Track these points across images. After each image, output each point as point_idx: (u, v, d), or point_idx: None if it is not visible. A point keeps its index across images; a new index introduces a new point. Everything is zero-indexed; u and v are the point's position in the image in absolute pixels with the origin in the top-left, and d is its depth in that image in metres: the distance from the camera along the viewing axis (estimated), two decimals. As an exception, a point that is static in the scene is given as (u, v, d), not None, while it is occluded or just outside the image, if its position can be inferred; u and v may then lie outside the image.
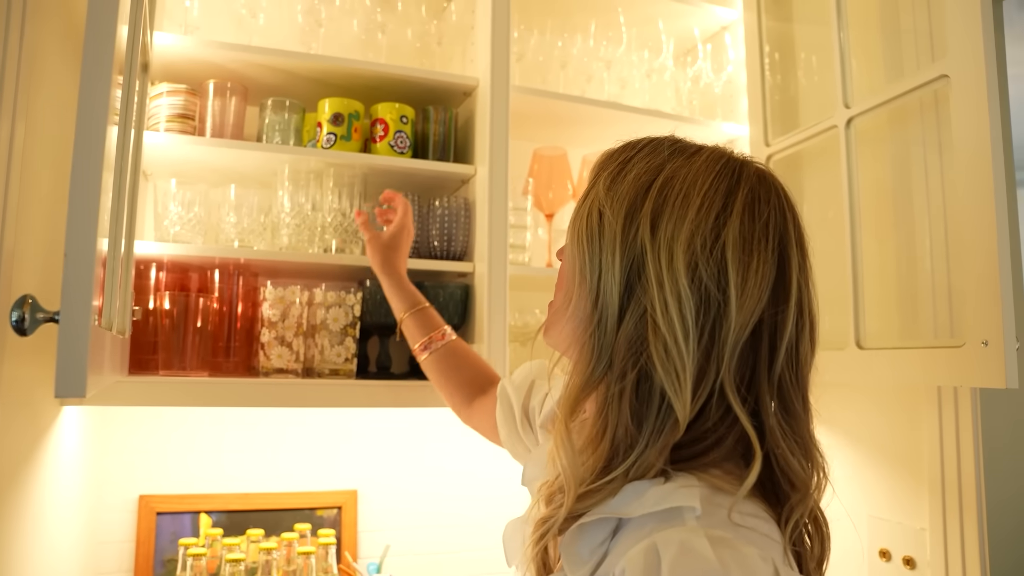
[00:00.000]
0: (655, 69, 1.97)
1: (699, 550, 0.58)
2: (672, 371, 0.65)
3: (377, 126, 1.62)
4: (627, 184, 0.72)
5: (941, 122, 1.46)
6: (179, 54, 1.53)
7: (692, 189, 0.69)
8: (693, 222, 0.67)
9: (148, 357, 1.45)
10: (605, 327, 0.69)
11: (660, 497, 0.64)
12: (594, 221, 0.72)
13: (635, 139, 0.79)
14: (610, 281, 0.69)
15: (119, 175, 0.98)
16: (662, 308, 0.66)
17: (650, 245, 0.68)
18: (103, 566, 1.61)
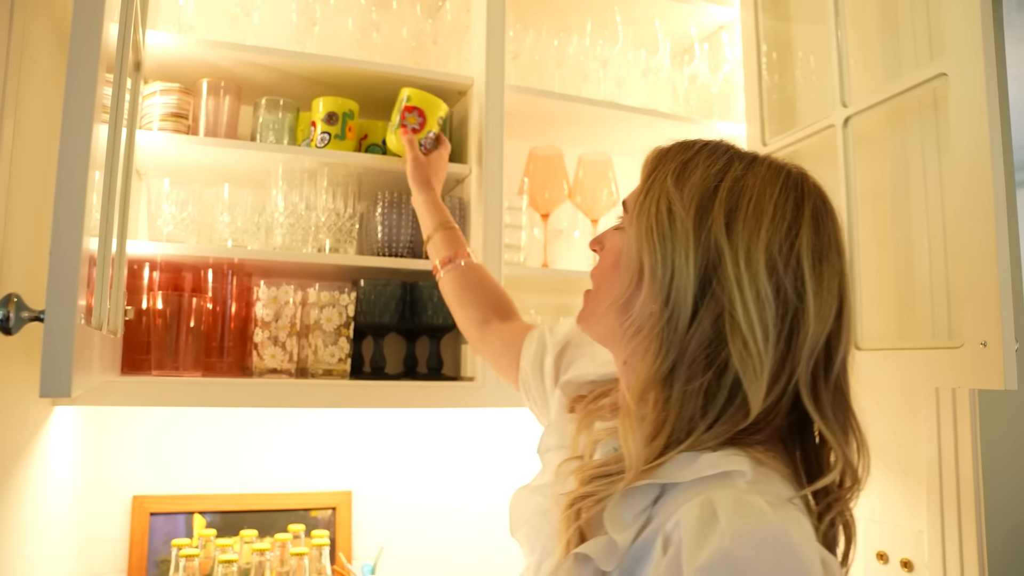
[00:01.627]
0: (652, 68, 1.96)
1: (755, 505, 0.62)
2: (751, 370, 0.69)
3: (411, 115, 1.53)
4: (694, 183, 0.75)
5: (940, 122, 1.45)
6: (173, 53, 1.52)
7: (763, 197, 0.73)
8: (769, 229, 0.71)
9: (141, 357, 1.44)
10: (676, 324, 0.71)
11: (711, 463, 0.67)
12: (664, 217, 0.74)
13: (687, 140, 0.82)
14: (684, 279, 0.72)
15: (109, 174, 0.97)
16: (743, 309, 0.69)
17: (727, 246, 0.71)
18: (96, 567, 1.60)
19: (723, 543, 0.59)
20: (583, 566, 0.69)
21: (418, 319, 1.61)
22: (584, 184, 1.84)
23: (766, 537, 0.60)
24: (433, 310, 1.60)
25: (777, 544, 0.60)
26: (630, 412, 0.72)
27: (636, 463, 0.69)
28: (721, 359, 0.70)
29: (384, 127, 1.69)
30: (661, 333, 0.72)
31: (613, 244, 0.84)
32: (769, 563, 0.59)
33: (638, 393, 0.72)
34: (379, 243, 1.61)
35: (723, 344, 0.70)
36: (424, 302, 1.60)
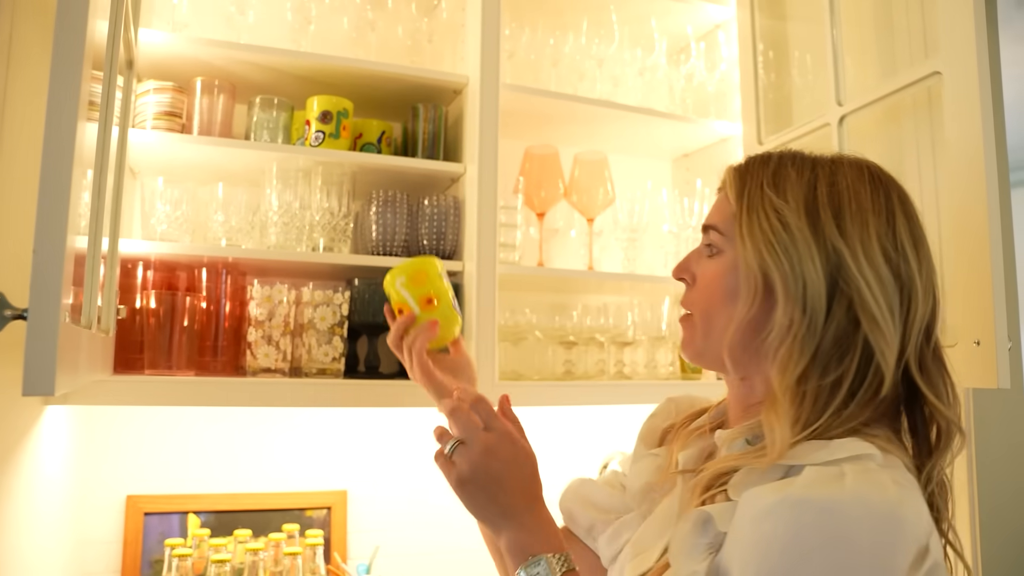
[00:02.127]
0: (648, 67, 1.96)
1: (882, 479, 0.67)
2: (885, 346, 0.75)
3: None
4: (795, 192, 0.80)
5: (934, 120, 1.45)
6: (166, 51, 1.52)
7: (858, 194, 0.79)
8: (873, 222, 0.78)
9: (134, 356, 1.44)
10: (815, 326, 0.76)
11: (842, 447, 0.71)
12: (779, 229, 0.78)
13: (758, 155, 0.87)
14: (815, 285, 0.76)
15: (99, 172, 0.97)
16: (871, 296, 0.76)
17: (844, 245, 0.77)
18: (90, 567, 1.60)
19: (841, 495, 0.64)
20: (703, 524, 0.73)
21: (412, 318, 1.60)
22: (580, 183, 1.83)
23: (881, 509, 0.64)
24: (427, 309, 1.59)
25: (887, 518, 0.64)
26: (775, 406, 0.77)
27: (782, 445, 0.73)
28: (854, 345, 0.76)
29: (379, 125, 1.68)
30: (802, 338, 0.76)
31: (710, 270, 0.86)
32: (870, 531, 0.63)
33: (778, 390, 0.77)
34: (373, 242, 1.61)
35: (855, 331, 0.76)
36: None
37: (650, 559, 0.83)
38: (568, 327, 1.80)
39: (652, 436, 1.01)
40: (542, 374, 1.83)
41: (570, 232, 1.91)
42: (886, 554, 0.63)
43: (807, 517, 0.64)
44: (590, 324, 1.80)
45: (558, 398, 1.66)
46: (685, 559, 0.72)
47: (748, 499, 0.69)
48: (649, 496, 0.93)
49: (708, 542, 0.72)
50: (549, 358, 1.85)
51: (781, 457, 0.72)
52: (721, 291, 0.84)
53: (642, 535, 0.89)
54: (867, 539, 0.63)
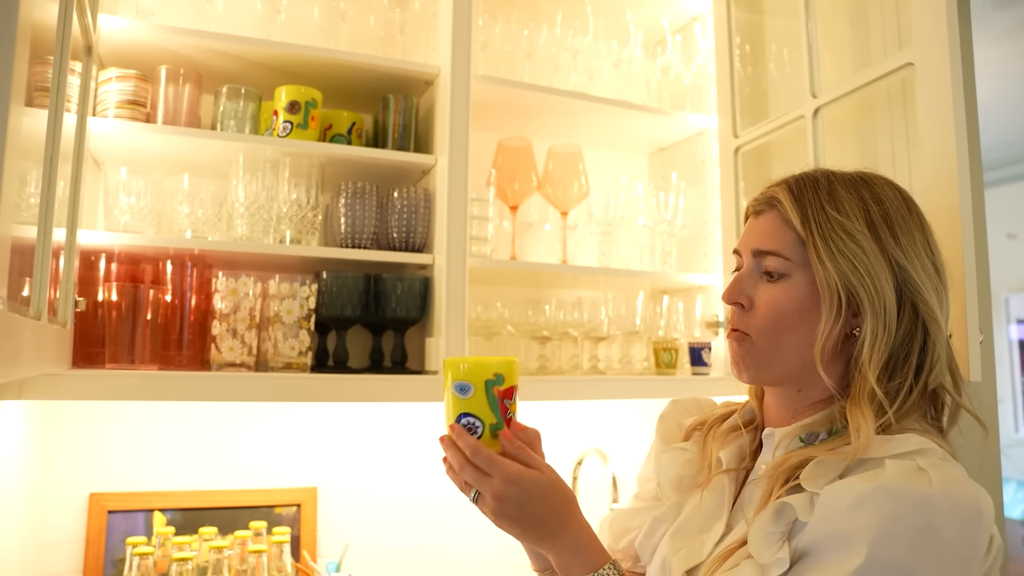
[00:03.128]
0: (623, 60, 1.94)
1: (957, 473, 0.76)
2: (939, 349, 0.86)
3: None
4: (853, 212, 0.87)
5: (908, 113, 1.44)
6: (130, 38, 1.48)
7: (900, 210, 0.88)
8: (918, 236, 0.88)
9: (95, 350, 1.41)
10: (891, 334, 0.85)
11: (905, 441, 0.79)
12: (856, 251, 0.85)
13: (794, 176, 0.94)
14: (888, 295, 0.85)
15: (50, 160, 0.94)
16: (934, 303, 0.86)
17: (904, 256, 0.86)
18: (51, 567, 1.56)
19: (929, 490, 0.72)
20: (781, 514, 0.80)
21: (382, 311, 1.58)
22: (554, 176, 1.81)
23: (964, 503, 0.73)
24: (397, 303, 1.57)
25: (969, 512, 0.73)
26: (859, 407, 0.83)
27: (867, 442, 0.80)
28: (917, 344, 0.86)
29: (349, 116, 1.66)
30: (883, 346, 0.85)
31: (777, 296, 0.90)
32: (957, 525, 0.72)
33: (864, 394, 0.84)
34: (342, 234, 1.58)
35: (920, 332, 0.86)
36: (388, 294, 1.57)
37: (700, 553, 0.90)
38: (542, 322, 1.78)
39: (676, 433, 1.09)
40: (515, 369, 1.81)
41: (544, 226, 1.89)
42: (969, 544, 0.72)
43: (903, 507, 0.72)
44: (564, 319, 1.79)
45: (532, 393, 1.64)
46: (766, 547, 0.79)
47: (837, 489, 0.76)
48: (681, 487, 1.00)
49: (782, 531, 0.80)
50: (522, 353, 1.83)
51: (865, 452, 0.79)
52: (792, 313, 0.89)
53: (682, 527, 0.94)
54: (954, 530, 0.72)
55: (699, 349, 1.81)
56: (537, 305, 1.79)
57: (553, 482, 0.90)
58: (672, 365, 1.81)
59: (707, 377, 1.80)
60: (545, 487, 0.89)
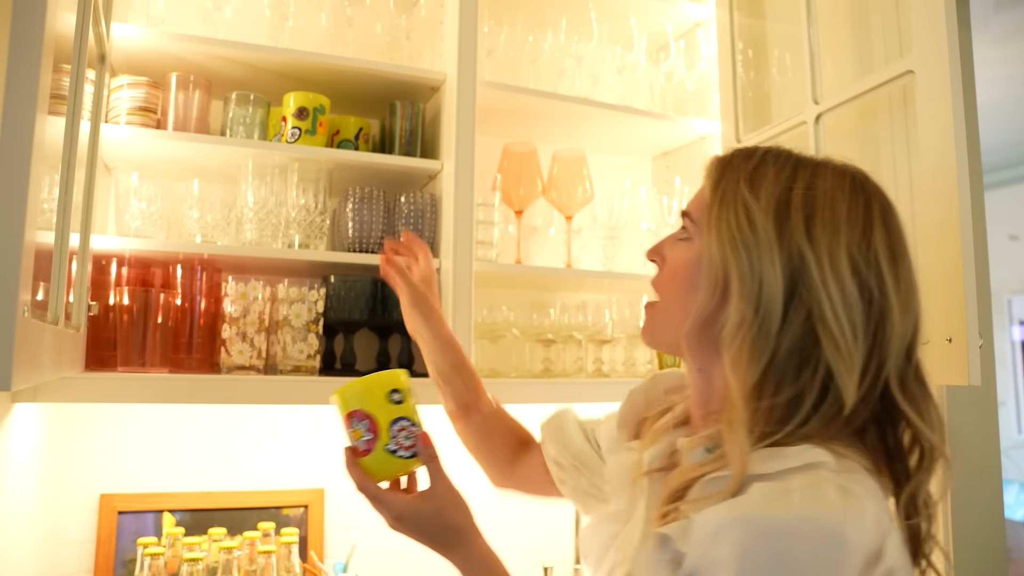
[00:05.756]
0: (627, 65, 1.96)
1: (828, 495, 0.65)
2: (843, 367, 0.72)
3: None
4: (769, 191, 0.78)
5: (909, 119, 1.46)
6: (141, 46, 1.51)
7: (836, 200, 0.76)
8: (847, 231, 0.75)
9: (107, 353, 1.43)
10: (768, 330, 0.74)
11: (795, 455, 0.70)
12: (745, 228, 0.76)
13: (744, 148, 0.85)
14: (772, 286, 0.74)
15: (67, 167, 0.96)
16: (831, 310, 0.73)
17: (810, 250, 0.74)
18: (62, 567, 1.58)
19: (787, 516, 0.64)
20: (662, 546, 0.72)
21: (389, 315, 1.60)
22: (559, 180, 1.83)
23: (824, 528, 0.63)
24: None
25: (829, 534, 0.63)
26: (730, 416, 0.75)
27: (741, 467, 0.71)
28: (813, 359, 0.73)
29: (356, 122, 1.68)
30: (753, 340, 0.74)
31: (678, 255, 0.86)
32: (813, 549, 0.63)
33: (734, 400, 0.75)
34: (350, 239, 1.60)
35: (814, 344, 0.73)
36: (395, 298, 1.58)
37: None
38: (546, 325, 1.80)
39: (630, 425, 1.03)
40: (520, 372, 1.83)
41: (549, 230, 1.91)
42: (828, 571, 0.63)
43: (756, 537, 0.64)
44: (568, 322, 1.80)
45: (536, 396, 1.66)
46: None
47: (704, 517, 0.69)
48: (629, 493, 0.94)
49: (669, 559, 0.72)
50: (527, 356, 1.85)
51: (742, 477, 0.71)
52: (684, 278, 0.84)
53: (627, 537, 0.90)
54: (810, 557, 0.63)
55: (702, 352, 1.82)
56: (542, 308, 1.81)
57: (437, 511, 0.96)
58: (676, 366, 1.82)
59: (710, 379, 1.81)
60: (428, 522, 0.97)
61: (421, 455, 0.99)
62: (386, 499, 0.97)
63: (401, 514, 0.97)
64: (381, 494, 0.97)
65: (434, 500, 0.97)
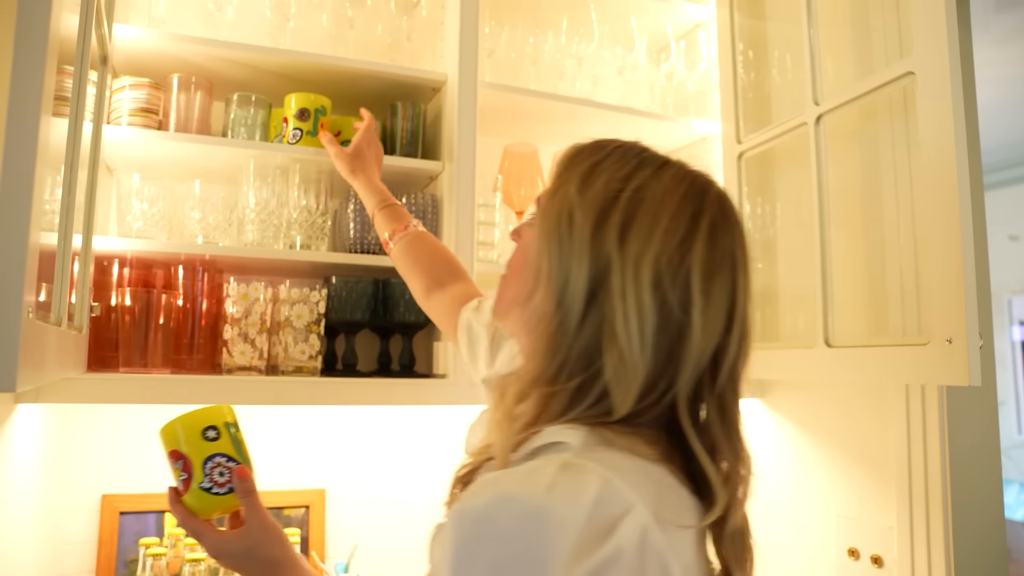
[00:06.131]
0: (628, 66, 1.96)
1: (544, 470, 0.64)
2: (623, 380, 0.70)
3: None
4: (597, 189, 0.74)
5: (909, 120, 1.46)
6: (143, 48, 1.51)
7: (661, 208, 0.73)
8: (661, 241, 0.71)
9: (109, 354, 1.43)
10: (566, 328, 0.72)
11: (544, 435, 0.70)
12: (564, 223, 0.74)
13: (602, 140, 0.82)
14: (576, 286, 0.72)
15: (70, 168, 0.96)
16: (623, 319, 0.70)
17: (618, 257, 0.71)
18: (64, 568, 1.58)
19: (491, 499, 0.63)
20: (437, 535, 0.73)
21: (390, 316, 1.60)
22: (558, 178, 1.83)
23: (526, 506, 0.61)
24: (405, 307, 1.59)
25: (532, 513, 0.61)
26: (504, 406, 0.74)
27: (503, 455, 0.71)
28: (597, 365, 0.71)
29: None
30: (552, 335, 0.73)
31: (525, 240, 0.86)
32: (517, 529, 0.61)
33: (520, 390, 0.74)
34: (351, 240, 1.61)
35: (600, 353, 0.71)
36: (396, 299, 1.60)
37: None
38: (547, 325, 1.79)
39: None
40: (521, 372, 1.83)
41: (550, 230, 1.91)
42: (534, 550, 0.60)
43: (464, 527, 0.63)
44: (569, 322, 1.80)
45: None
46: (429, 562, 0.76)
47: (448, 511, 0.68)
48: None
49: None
50: (528, 356, 1.85)
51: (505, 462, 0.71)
52: (519, 261, 0.85)
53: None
54: (510, 536, 0.61)
55: (703, 352, 1.82)
56: (543, 309, 1.81)
57: (249, 547, 0.99)
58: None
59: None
60: (242, 556, 1.00)
61: (237, 490, 1.02)
62: (205, 535, 1.01)
63: (217, 550, 1.00)
64: (200, 530, 1.01)
65: (247, 536, 1.00)
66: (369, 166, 1.50)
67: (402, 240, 1.37)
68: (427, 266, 1.35)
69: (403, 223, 1.39)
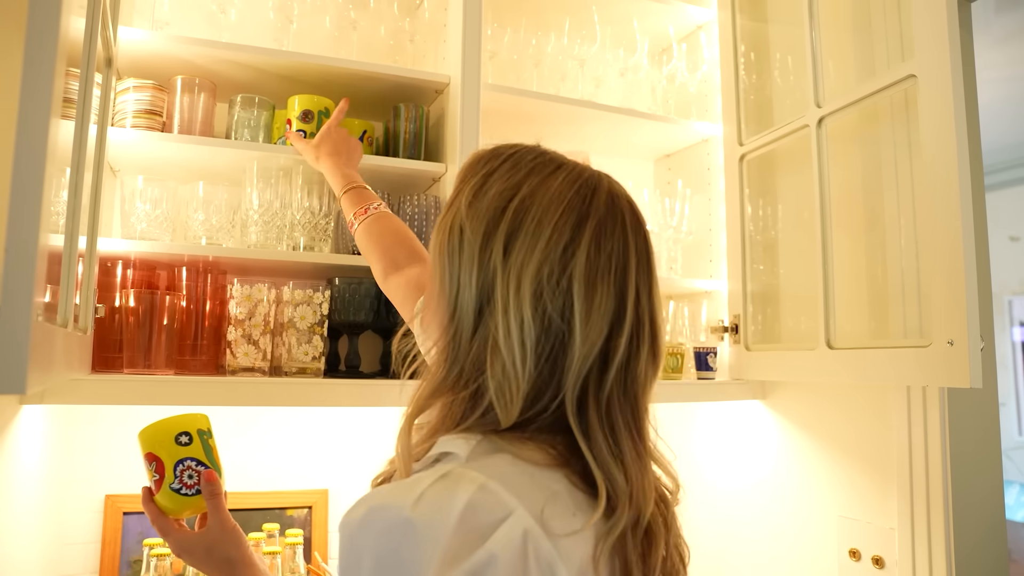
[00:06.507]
0: (630, 68, 1.97)
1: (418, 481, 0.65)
2: (506, 391, 0.70)
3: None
4: (486, 202, 0.75)
5: (911, 123, 1.47)
6: (147, 49, 1.51)
7: (545, 217, 0.72)
8: (543, 252, 0.71)
9: (113, 355, 1.44)
10: (460, 340, 0.74)
11: (437, 445, 0.72)
12: (455, 238, 0.75)
13: (501, 146, 0.81)
14: (467, 299, 0.73)
15: (76, 170, 0.97)
16: (504, 332, 0.70)
17: (501, 271, 0.72)
18: (68, 567, 1.59)
19: (364, 510, 0.64)
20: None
21: (393, 317, 1.61)
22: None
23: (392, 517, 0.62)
24: (408, 308, 1.59)
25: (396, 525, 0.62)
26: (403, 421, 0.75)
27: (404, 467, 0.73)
28: (482, 380, 0.72)
29: (360, 125, 1.69)
30: (448, 345, 0.74)
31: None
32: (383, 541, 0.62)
33: (416, 406, 0.75)
34: (354, 241, 1.61)
35: (485, 366, 0.71)
36: (399, 300, 1.60)
37: None
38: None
39: None
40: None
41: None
42: (405, 559, 0.61)
43: (344, 537, 0.65)
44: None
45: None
46: None
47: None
48: None
49: None
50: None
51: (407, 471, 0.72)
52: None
53: None
54: (386, 546, 0.62)
55: (704, 354, 1.83)
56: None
57: (210, 545, 1.06)
58: (678, 370, 1.83)
59: (712, 382, 1.82)
60: (201, 554, 1.06)
61: (204, 492, 1.09)
62: (171, 533, 1.08)
63: (180, 548, 1.07)
64: (167, 528, 1.08)
65: (208, 535, 1.07)
66: (337, 151, 1.48)
67: (364, 222, 1.36)
68: (386, 247, 1.33)
69: (364, 205, 1.38)
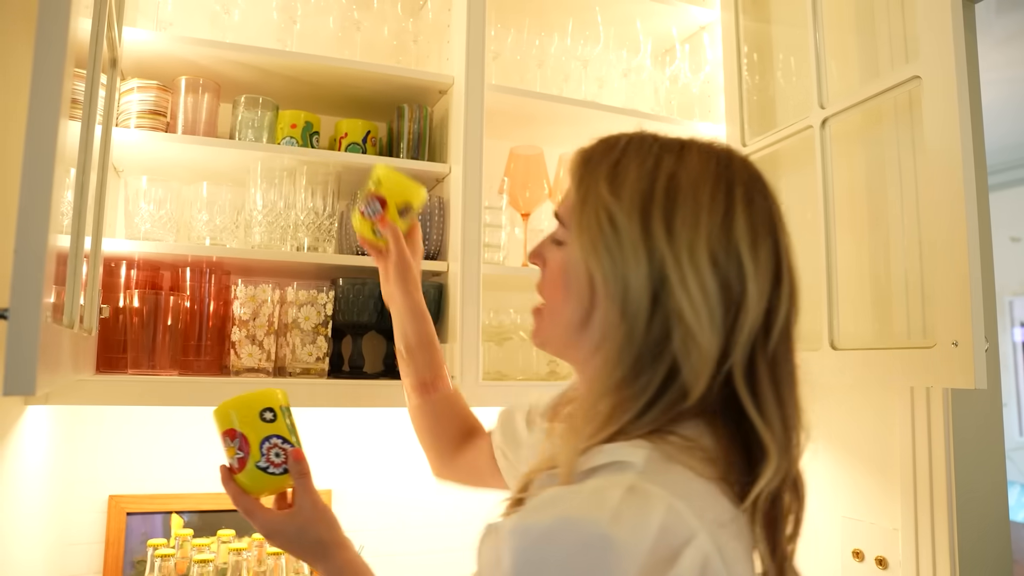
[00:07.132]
0: (633, 68, 1.97)
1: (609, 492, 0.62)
2: (697, 362, 0.70)
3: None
4: (630, 187, 0.74)
5: (915, 124, 1.47)
6: (151, 50, 1.51)
7: (697, 190, 0.73)
8: (707, 223, 0.71)
9: (117, 356, 1.44)
10: (634, 332, 0.72)
11: (607, 452, 0.68)
12: (607, 229, 0.73)
13: (608, 136, 0.81)
14: (637, 291, 0.71)
15: (82, 170, 0.97)
16: (690, 306, 0.70)
17: (669, 250, 0.71)
18: (71, 568, 1.59)
19: (550, 520, 0.62)
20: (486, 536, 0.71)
21: (397, 318, 1.60)
22: (565, 184, 1.84)
23: (588, 530, 0.60)
24: (412, 309, 1.59)
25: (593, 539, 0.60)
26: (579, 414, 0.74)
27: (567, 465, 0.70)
28: (670, 357, 0.71)
29: (364, 125, 1.69)
30: (622, 344, 0.72)
31: (555, 258, 0.83)
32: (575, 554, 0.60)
33: (594, 399, 0.73)
34: (358, 242, 1.61)
35: (670, 342, 0.70)
36: (403, 301, 1.60)
37: None
38: (553, 327, 1.80)
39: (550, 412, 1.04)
40: (526, 374, 1.83)
41: (555, 232, 1.92)
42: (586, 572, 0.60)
43: (524, 544, 0.62)
44: (574, 324, 1.81)
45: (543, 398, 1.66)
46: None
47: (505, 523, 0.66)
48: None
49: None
50: (533, 358, 1.86)
51: (569, 476, 0.69)
52: (561, 283, 0.81)
53: None
54: (572, 562, 0.60)
55: (708, 354, 1.83)
56: (548, 311, 1.81)
57: (301, 526, 1.01)
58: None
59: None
60: (293, 535, 1.01)
61: (291, 471, 1.03)
62: (257, 514, 1.02)
63: (269, 529, 1.01)
64: (253, 509, 1.02)
65: (299, 516, 1.01)
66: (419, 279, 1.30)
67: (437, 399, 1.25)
68: (460, 425, 1.26)
69: (443, 373, 1.26)
